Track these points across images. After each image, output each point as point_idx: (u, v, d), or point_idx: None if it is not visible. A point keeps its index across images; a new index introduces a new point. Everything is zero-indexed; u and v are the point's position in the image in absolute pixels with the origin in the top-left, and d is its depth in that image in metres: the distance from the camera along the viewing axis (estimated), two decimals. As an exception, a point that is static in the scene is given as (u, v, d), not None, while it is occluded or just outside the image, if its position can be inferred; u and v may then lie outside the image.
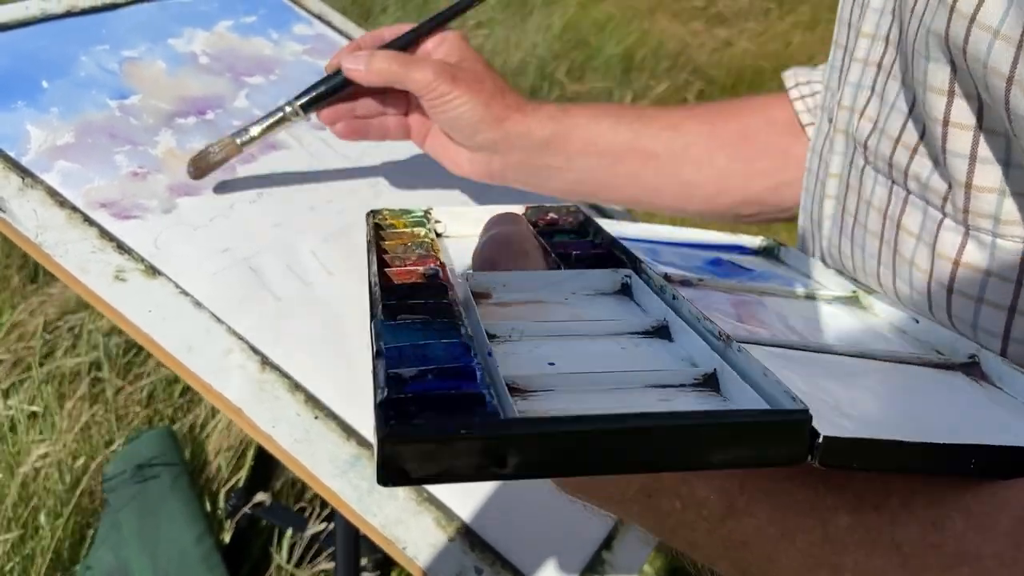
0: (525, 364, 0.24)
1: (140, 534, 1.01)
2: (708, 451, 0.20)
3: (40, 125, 0.65)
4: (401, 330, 0.25)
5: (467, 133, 0.63)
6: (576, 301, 0.29)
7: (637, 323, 0.27)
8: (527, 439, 0.19)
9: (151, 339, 0.56)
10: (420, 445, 0.19)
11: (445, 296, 0.27)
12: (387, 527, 0.54)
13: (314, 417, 0.57)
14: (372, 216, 0.37)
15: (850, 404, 0.24)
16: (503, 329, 0.26)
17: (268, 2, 0.91)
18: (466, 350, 0.23)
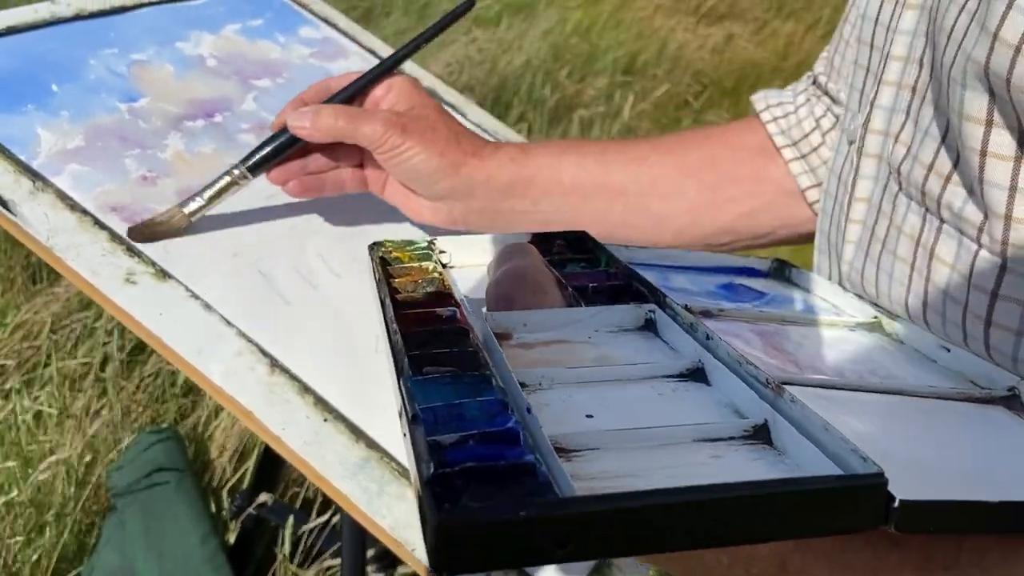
0: (563, 419, 0.23)
1: (145, 535, 1.02)
2: (779, 521, 0.19)
3: (50, 128, 0.66)
4: (431, 386, 0.23)
5: (424, 183, 0.61)
6: (600, 339, 0.28)
7: (670, 365, 0.26)
8: (589, 518, 0.18)
9: (162, 342, 0.56)
10: (476, 530, 0.17)
11: (468, 342, 0.26)
12: (396, 529, 0.54)
13: (323, 419, 0.57)
14: (375, 249, 0.35)
15: (906, 453, 0.23)
16: (533, 377, 0.25)
17: (275, 5, 0.91)
18: (503, 407, 0.22)
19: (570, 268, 0.33)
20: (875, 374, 0.31)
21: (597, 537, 0.18)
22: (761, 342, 0.32)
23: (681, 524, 0.18)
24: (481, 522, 0.17)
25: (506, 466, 0.19)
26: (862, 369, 0.31)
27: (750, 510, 0.18)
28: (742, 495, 0.18)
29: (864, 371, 0.31)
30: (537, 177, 0.62)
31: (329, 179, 0.64)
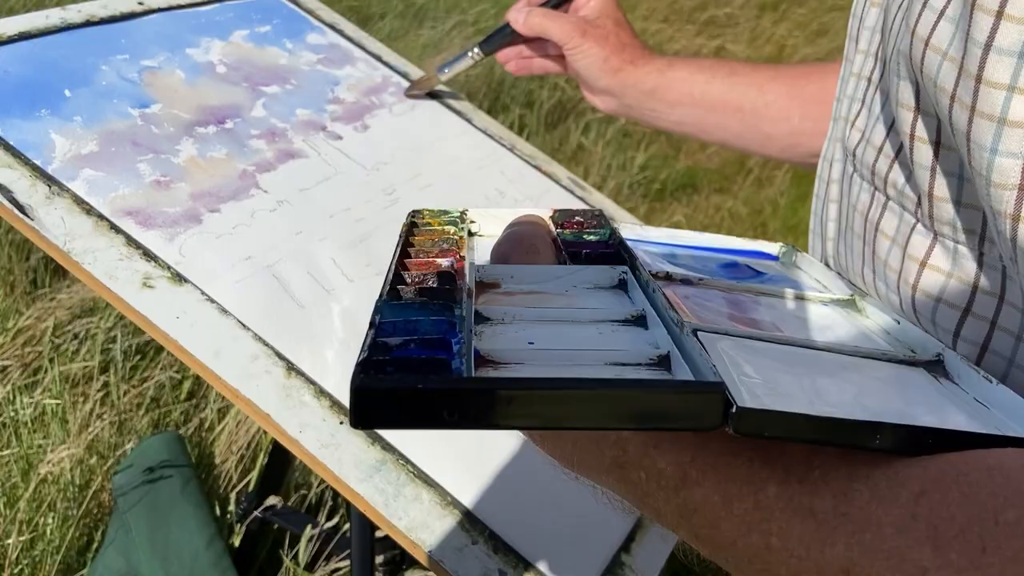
0: (506, 342, 0.27)
1: (150, 538, 1.02)
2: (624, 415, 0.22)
3: (64, 134, 0.66)
4: (401, 308, 0.27)
5: (591, 79, 0.77)
6: (576, 293, 0.31)
7: (619, 312, 0.29)
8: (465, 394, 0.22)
9: (180, 345, 0.57)
10: (383, 395, 0.22)
11: (451, 283, 0.29)
12: (413, 530, 0.55)
13: (339, 422, 0.58)
14: (411, 215, 0.39)
15: (787, 386, 0.26)
16: (497, 313, 0.29)
17: (282, 12, 0.92)
18: (451, 326, 0.26)
19: (575, 238, 0.37)
20: (821, 338, 0.33)
21: (474, 411, 0.22)
22: (728, 307, 0.34)
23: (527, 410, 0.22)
24: (385, 387, 0.22)
25: (427, 359, 0.24)
26: (811, 334, 0.34)
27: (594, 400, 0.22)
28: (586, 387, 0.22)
29: (812, 335, 0.34)
30: (673, 87, 0.75)
31: (536, 63, 0.84)
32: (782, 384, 0.26)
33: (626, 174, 2.46)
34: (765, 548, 0.24)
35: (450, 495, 0.57)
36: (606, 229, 0.38)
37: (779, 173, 2.68)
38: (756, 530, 0.24)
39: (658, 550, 0.62)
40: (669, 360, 0.26)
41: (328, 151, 0.78)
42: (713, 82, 0.74)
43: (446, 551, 0.55)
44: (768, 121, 0.73)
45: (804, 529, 0.23)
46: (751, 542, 0.24)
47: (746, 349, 0.29)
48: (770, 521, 0.24)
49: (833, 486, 0.23)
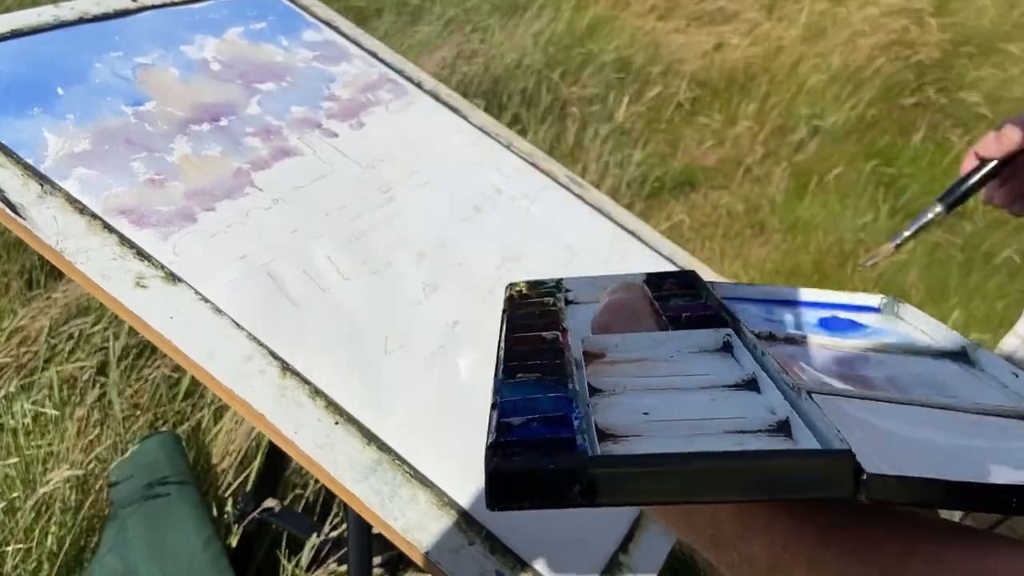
0: (623, 414, 0.27)
1: (148, 539, 1.01)
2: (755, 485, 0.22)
3: (57, 132, 0.66)
4: (518, 386, 0.28)
5: None
6: (681, 358, 0.31)
7: (729, 376, 0.29)
8: (594, 473, 0.23)
9: (173, 345, 0.56)
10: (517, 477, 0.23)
11: (560, 357, 0.30)
12: (409, 531, 0.54)
13: (335, 422, 0.57)
14: (509, 288, 0.41)
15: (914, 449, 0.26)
16: (608, 384, 0.29)
17: (277, 8, 0.91)
18: (569, 402, 0.27)
19: (673, 301, 0.37)
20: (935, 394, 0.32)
21: (604, 489, 0.23)
22: (836, 366, 0.34)
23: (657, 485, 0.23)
24: (518, 470, 0.23)
25: (552, 439, 0.24)
26: (926, 389, 0.33)
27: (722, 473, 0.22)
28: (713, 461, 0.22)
29: (927, 391, 0.32)
30: None
31: None
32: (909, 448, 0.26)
33: (623, 172, 2.45)
34: None
35: (447, 495, 0.57)
36: (702, 291, 0.38)
37: (777, 170, 2.68)
38: None
39: (656, 550, 0.62)
40: (789, 426, 0.26)
41: (324, 149, 0.78)
42: None
43: (443, 552, 0.54)
44: None
45: None
46: None
47: (864, 410, 0.28)
48: None
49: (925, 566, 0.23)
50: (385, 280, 0.69)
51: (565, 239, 0.83)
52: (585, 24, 3.30)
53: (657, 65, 3.11)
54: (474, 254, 0.76)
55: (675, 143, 2.79)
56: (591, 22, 3.32)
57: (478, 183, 0.84)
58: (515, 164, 0.90)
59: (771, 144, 2.84)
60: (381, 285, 0.68)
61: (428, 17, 3.01)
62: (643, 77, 3.04)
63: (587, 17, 3.38)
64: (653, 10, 3.63)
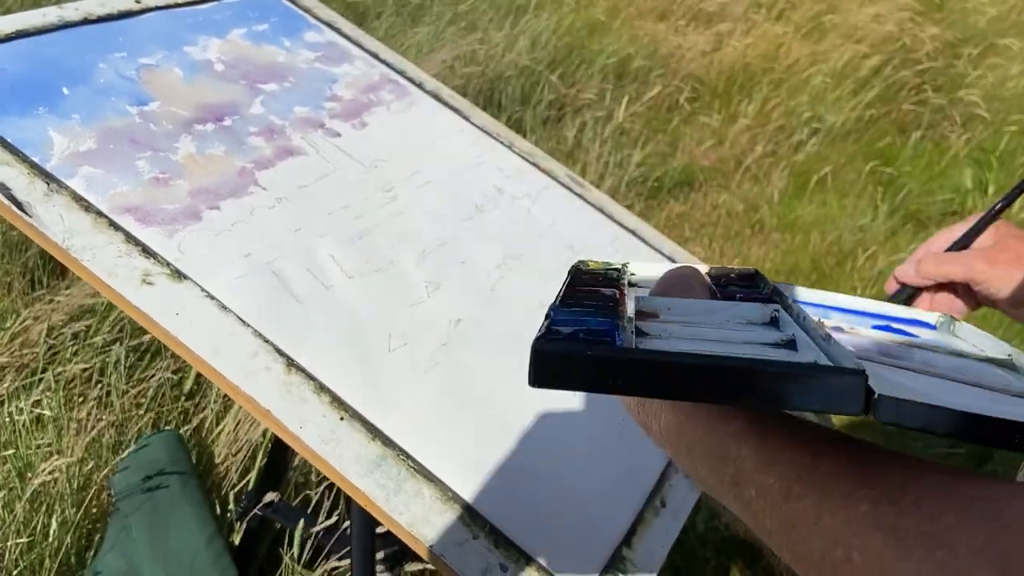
0: (663, 346, 0.29)
1: (150, 538, 1.02)
2: (776, 392, 0.24)
3: (62, 131, 0.66)
4: (571, 312, 0.30)
5: (1017, 301, 0.67)
6: (730, 326, 0.32)
7: (769, 336, 0.31)
8: (630, 363, 0.25)
9: (179, 342, 0.57)
10: (559, 358, 0.25)
11: (615, 305, 0.32)
12: (414, 525, 0.55)
13: (340, 418, 0.58)
14: (576, 264, 0.42)
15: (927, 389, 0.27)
16: (655, 329, 0.31)
17: (279, 10, 0.92)
18: (615, 327, 0.28)
19: (730, 288, 0.38)
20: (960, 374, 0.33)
21: (637, 378, 0.25)
22: (879, 352, 0.34)
23: (684, 378, 0.25)
24: (560, 351, 0.25)
25: (593, 335, 0.27)
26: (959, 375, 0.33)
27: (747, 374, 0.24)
28: (737, 365, 0.24)
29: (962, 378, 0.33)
30: None
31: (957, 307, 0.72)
32: (922, 388, 0.27)
33: (623, 172, 2.46)
34: (846, 561, 0.25)
35: (451, 490, 0.57)
36: (761, 283, 0.39)
37: (775, 170, 2.68)
38: (841, 544, 0.25)
39: (658, 546, 0.62)
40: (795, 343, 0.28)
41: (326, 148, 0.78)
42: None
43: (447, 546, 0.55)
44: None
45: (884, 544, 0.24)
46: (835, 556, 0.25)
47: (891, 371, 0.30)
48: (855, 535, 0.25)
49: (923, 508, 0.24)
50: (388, 278, 0.69)
51: (566, 238, 0.84)
52: (584, 25, 3.31)
53: (656, 65, 3.12)
54: (476, 253, 0.76)
55: (675, 143, 2.80)
56: (590, 23, 3.33)
57: (479, 183, 0.85)
58: (516, 164, 0.90)
59: (770, 144, 2.85)
60: (384, 283, 0.68)
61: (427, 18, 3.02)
62: (642, 77, 3.04)
63: (586, 18, 3.39)
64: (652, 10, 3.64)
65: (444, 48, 2.81)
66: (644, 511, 0.64)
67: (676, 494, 0.67)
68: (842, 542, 0.25)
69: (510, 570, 0.55)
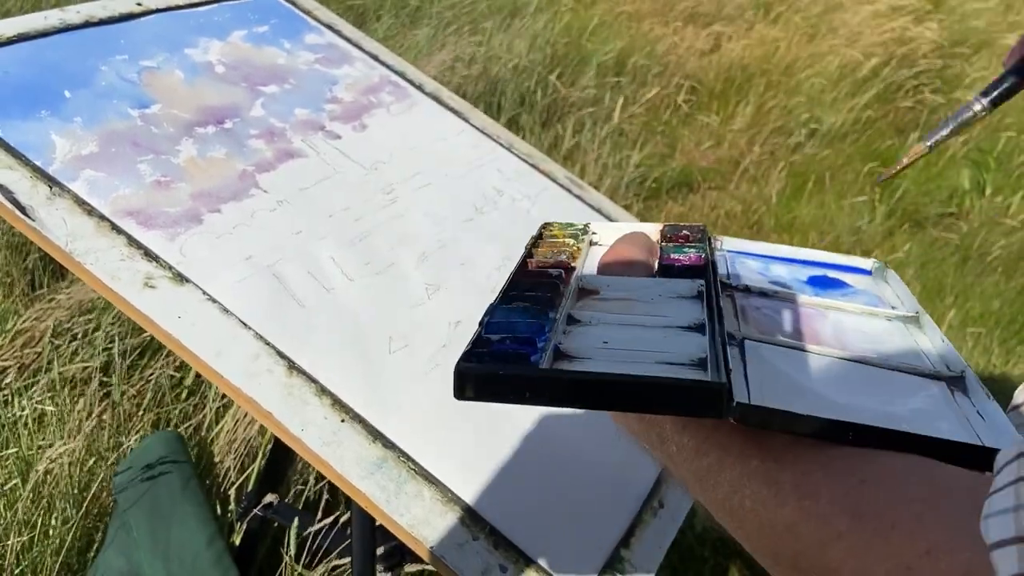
0: (585, 341, 0.32)
1: (151, 537, 1.02)
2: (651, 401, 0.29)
3: (64, 135, 0.67)
4: (509, 311, 0.34)
5: None
6: (660, 301, 0.36)
7: (686, 319, 0.34)
8: (535, 380, 0.29)
9: (181, 344, 0.57)
10: (474, 377, 0.29)
11: (555, 291, 0.35)
12: (415, 527, 0.55)
13: (340, 420, 0.58)
14: (542, 227, 0.45)
15: (800, 388, 0.32)
16: (586, 316, 0.34)
17: (280, 12, 0.92)
18: (541, 328, 0.32)
19: (676, 251, 0.41)
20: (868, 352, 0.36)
21: (540, 393, 0.29)
22: (793, 320, 0.38)
23: (580, 394, 0.29)
24: (476, 372, 0.29)
25: (514, 352, 0.31)
26: (861, 345, 0.37)
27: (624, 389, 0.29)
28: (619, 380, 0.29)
29: (863, 346, 0.37)
30: None
31: None
32: (797, 386, 0.32)
33: (622, 173, 2.46)
34: (740, 507, 0.30)
35: (451, 492, 0.58)
36: (705, 244, 0.42)
37: (774, 171, 2.69)
38: (738, 492, 0.30)
39: (656, 545, 0.63)
40: (707, 363, 0.31)
41: (327, 150, 0.78)
42: None
43: (448, 547, 0.55)
44: None
45: (768, 493, 0.29)
46: (734, 503, 0.30)
47: (783, 356, 0.34)
48: (747, 486, 0.30)
49: (799, 466, 0.29)
50: (388, 280, 0.70)
51: (565, 239, 0.84)
52: (583, 26, 3.31)
53: (655, 66, 3.12)
54: (476, 254, 0.77)
55: (673, 144, 2.80)
56: (588, 24, 3.33)
57: (479, 184, 0.85)
58: (515, 165, 0.91)
59: (768, 145, 2.86)
60: (384, 285, 0.69)
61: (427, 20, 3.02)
62: (640, 78, 3.05)
63: (585, 19, 3.39)
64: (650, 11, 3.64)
65: (444, 50, 2.82)
66: (642, 512, 0.65)
67: (673, 495, 0.67)
68: (739, 490, 0.30)
69: (509, 571, 0.56)
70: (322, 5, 0.99)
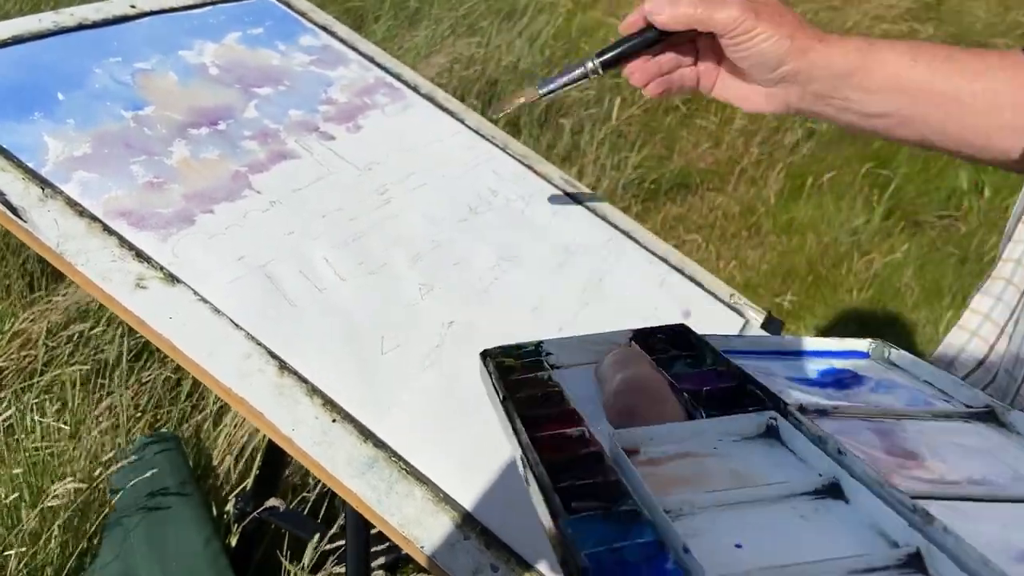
0: (714, 552, 0.24)
1: (148, 541, 1.02)
2: None
3: (57, 136, 0.67)
4: (584, 525, 0.25)
5: (771, 66, 0.64)
6: (725, 449, 0.29)
7: (805, 482, 0.27)
8: None
9: (173, 345, 0.57)
10: None
11: (604, 467, 0.28)
12: (406, 527, 0.55)
13: (332, 420, 0.58)
14: (488, 360, 0.37)
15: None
16: (675, 504, 0.26)
17: (275, 14, 0.93)
18: (660, 548, 0.24)
19: (678, 367, 0.34)
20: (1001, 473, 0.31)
21: None
22: (880, 442, 0.32)
23: None
24: None
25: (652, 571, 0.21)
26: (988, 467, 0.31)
27: None
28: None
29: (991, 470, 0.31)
30: (875, 71, 0.63)
31: (675, 79, 0.69)
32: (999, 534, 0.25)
33: (620, 174, 2.47)
34: None
35: (443, 491, 0.58)
36: (706, 351, 0.35)
37: (772, 173, 2.69)
38: None
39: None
40: (922, 560, 0.23)
41: (321, 151, 0.79)
42: (916, 66, 0.63)
43: (439, 547, 0.55)
44: (981, 114, 0.63)
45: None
46: None
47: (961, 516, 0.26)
48: None
49: None
50: (382, 280, 0.70)
51: (560, 240, 0.84)
52: (581, 27, 3.31)
53: (653, 68, 3.12)
54: (470, 255, 0.77)
55: (671, 145, 2.80)
56: (586, 25, 3.34)
57: (474, 185, 0.85)
58: (511, 167, 0.91)
59: (766, 146, 2.86)
60: (378, 285, 0.69)
61: (425, 22, 3.02)
62: (639, 80, 3.05)
63: (584, 20, 3.39)
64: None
65: (442, 51, 2.82)
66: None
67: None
68: None
69: (501, 570, 0.56)
70: (319, 7, 0.99)
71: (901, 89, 0.63)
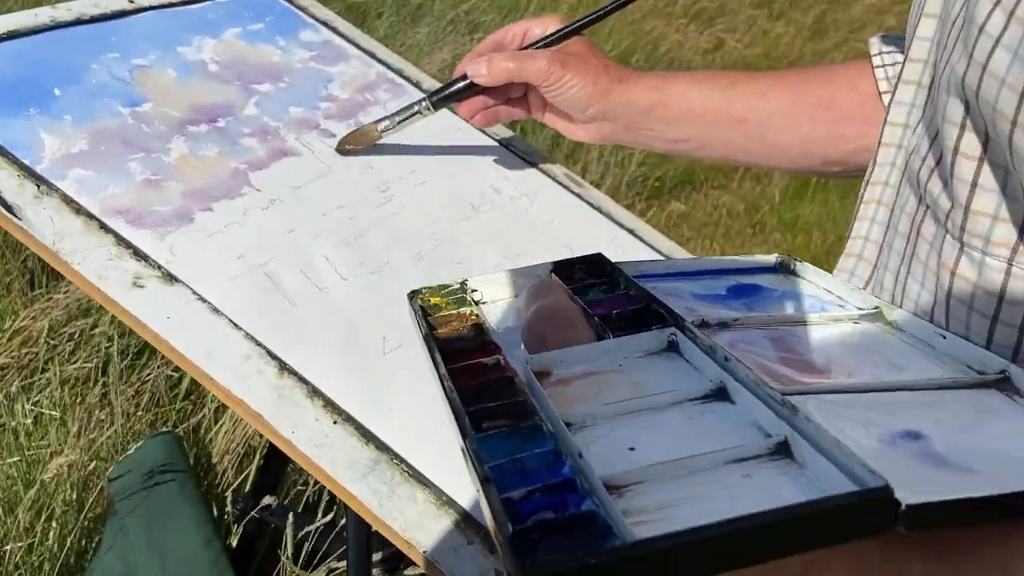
0: (609, 456, 0.25)
1: (148, 539, 1.01)
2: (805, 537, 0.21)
3: (53, 132, 0.66)
4: (491, 441, 0.27)
5: (581, 108, 0.72)
6: (629, 365, 0.31)
7: (695, 388, 0.29)
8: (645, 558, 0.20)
9: (170, 345, 0.57)
10: None
11: (515, 389, 0.29)
12: (408, 530, 0.54)
13: (332, 422, 0.57)
14: (414, 298, 0.38)
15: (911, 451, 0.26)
16: (576, 417, 0.28)
17: (275, 9, 0.91)
18: (558, 456, 0.25)
19: (592, 294, 0.36)
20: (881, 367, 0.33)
21: (653, 573, 0.21)
22: (775, 349, 0.34)
23: (722, 552, 0.21)
24: (557, 572, 0.20)
25: (571, 516, 0.22)
26: (870, 364, 0.33)
27: (780, 532, 0.21)
28: (773, 521, 0.21)
29: (872, 366, 0.33)
30: (671, 104, 0.71)
31: (502, 110, 0.79)
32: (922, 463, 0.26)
33: (624, 171, 2.45)
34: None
35: (445, 494, 0.57)
36: (619, 278, 0.37)
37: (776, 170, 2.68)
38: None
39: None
40: (789, 447, 0.25)
41: (321, 149, 0.78)
42: (712, 95, 0.70)
43: (441, 551, 0.54)
44: (775, 130, 0.70)
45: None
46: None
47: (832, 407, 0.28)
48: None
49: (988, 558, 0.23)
50: (383, 279, 0.69)
51: (564, 238, 0.83)
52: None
53: (657, 64, 3.11)
54: (473, 253, 0.76)
55: (675, 142, 2.79)
56: (591, 21, 3.32)
57: (476, 183, 0.84)
58: (514, 164, 0.90)
59: (771, 143, 2.84)
60: (379, 284, 0.68)
61: (428, 18, 3.01)
62: (643, 76, 3.04)
63: (587, 16, 3.38)
64: (653, 10, 3.63)
65: (445, 48, 2.81)
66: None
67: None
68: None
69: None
70: (320, 3, 0.98)
71: (697, 117, 0.71)
